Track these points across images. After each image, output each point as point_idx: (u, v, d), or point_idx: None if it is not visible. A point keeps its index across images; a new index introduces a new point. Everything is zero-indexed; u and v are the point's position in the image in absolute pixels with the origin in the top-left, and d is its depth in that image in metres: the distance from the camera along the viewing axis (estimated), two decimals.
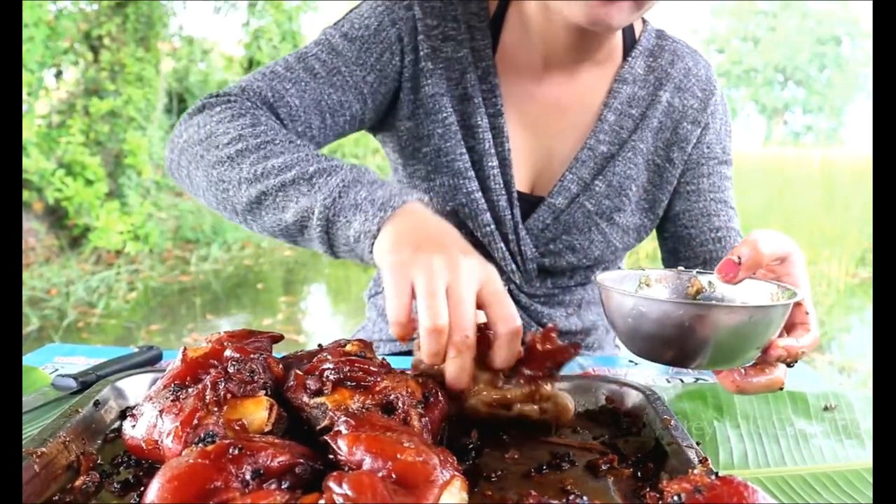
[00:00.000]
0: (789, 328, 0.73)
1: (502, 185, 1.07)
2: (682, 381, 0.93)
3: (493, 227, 1.08)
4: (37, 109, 5.98)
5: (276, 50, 8.70)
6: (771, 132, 29.58)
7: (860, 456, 0.73)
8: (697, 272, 0.79)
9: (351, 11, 1.06)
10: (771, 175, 11.06)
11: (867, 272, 5.96)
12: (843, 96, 28.37)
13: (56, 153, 5.98)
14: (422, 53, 1.04)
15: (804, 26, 27.86)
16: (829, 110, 28.92)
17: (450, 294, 0.64)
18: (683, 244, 1.14)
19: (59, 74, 6.62)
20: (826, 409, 0.82)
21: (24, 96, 5.50)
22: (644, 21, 1.14)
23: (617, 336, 0.76)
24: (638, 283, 0.79)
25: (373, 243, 0.73)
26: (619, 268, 1.22)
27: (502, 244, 1.09)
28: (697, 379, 0.94)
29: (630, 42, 1.12)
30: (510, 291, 1.13)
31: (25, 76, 5.37)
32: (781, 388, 0.74)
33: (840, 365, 3.83)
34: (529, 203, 1.10)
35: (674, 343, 0.68)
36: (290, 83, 0.98)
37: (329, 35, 1.03)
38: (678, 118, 1.11)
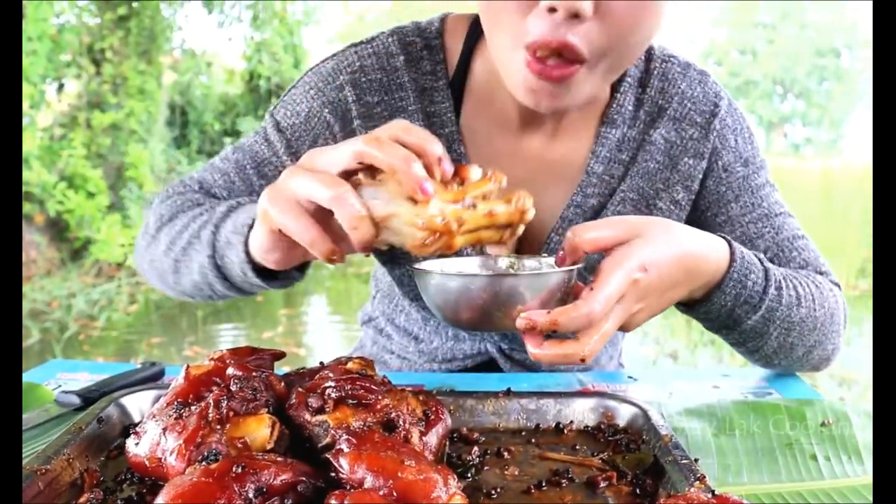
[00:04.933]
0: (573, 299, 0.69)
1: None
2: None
3: None
4: (39, 122, 6.02)
5: (278, 62, 8.74)
6: (770, 144, 29.62)
7: (858, 472, 0.73)
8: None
9: (288, 92, 1.02)
10: None
11: (867, 284, 5.94)
12: (842, 108, 28.42)
13: (58, 166, 6.01)
14: None
15: (803, 37, 27.92)
16: (829, 122, 28.97)
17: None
18: None
19: (61, 87, 6.66)
20: (823, 424, 0.83)
21: (27, 109, 5.53)
22: None
23: None
24: (508, 264, 0.80)
25: (252, 266, 0.78)
26: None
27: None
28: (704, 399, 0.95)
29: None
30: (501, 351, 1.10)
31: (28, 89, 5.40)
32: (583, 362, 0.69)
33: (840, 377, 3.82)
34: None
35: (438, 304, 0.71)
36: (219, 174, 1.02)
37: (267, 123, 1.02)
38: (677, 154, 0.99)
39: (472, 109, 0.99)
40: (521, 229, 0.70)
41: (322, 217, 0.65)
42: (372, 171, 0.66)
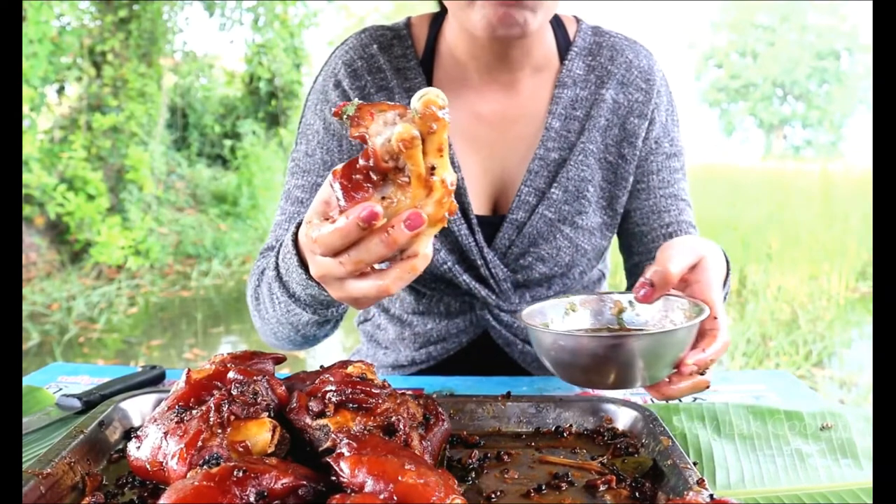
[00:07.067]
0: (699, 337, 0.77)
1: (460, 216, 1.08)
2: (680, 400, 0.94)
3: (450, 263, 1.08)
4: (39, 124, 6.02)
5: (280, 64, 8.75)
6: (770, 146, 29.63)
7: (856, 475, 0.74)
8: (618, 294, 0.87)
9: (300, 123, 1.14)
10: (770, 189, 11.05)
11: (867, 286, 5.94)
12: (842, 111, 28.39)
13: (58, 168, 6.02)
14: None
15: (803, 40, 27.91)
16: (829, 125, 28.95)
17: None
18: (636, 240, 1.17)
19: (61, 90, 6.67)
20: (823, 428, 0.83)
21: (27, 111, 5.54)
22: (578, 21, 1.15)
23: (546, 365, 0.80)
24: (564, 310, 0.86)
25: (308, 276, 0.79)
26: (599, 270, 1.26)
27: (465, 276, 1.09)
28: (696, 398, 0.95)
29: (564, 44, 1.13)
30: (490, 312, 1.14)
31: (28, 91, 5.41)
32: (707, 387, 0.78)
33: (840, 380, 3.82)
34: (492, 224, 1.10)
35: (590, 369, 0.75)
36: (286, 222, 1.10)
37: (295, 161, 1.13)
38: (625, 114, 1.11)
39: (441, 82, 1.12)
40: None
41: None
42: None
